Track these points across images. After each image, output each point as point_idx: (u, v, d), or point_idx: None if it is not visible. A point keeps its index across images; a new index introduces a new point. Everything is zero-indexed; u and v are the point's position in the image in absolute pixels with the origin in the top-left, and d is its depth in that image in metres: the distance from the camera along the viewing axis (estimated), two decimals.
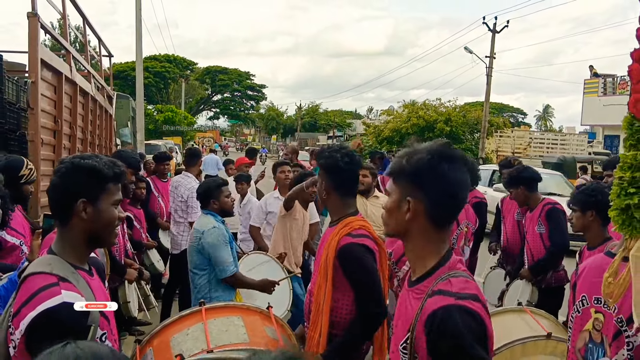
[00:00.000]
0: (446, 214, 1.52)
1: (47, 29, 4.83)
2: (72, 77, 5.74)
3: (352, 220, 2.48)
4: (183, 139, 41.71)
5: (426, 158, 1.49)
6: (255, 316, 2.68)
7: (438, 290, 1.43)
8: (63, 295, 1.47)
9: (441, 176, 1.47)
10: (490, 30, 23.15)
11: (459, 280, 1.44)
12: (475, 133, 27.04)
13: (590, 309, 1.95)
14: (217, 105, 65.84)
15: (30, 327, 1.44)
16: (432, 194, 1.48)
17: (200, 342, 2.35)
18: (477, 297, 1.42)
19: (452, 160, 1.49)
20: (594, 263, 2.02)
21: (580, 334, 1.99)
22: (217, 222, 3.68)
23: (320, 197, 2.60)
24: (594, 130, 29.23)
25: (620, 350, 1.83)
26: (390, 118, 29.89)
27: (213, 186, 3.81)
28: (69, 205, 1.60)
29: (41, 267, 1.56)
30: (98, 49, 10.02)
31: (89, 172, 1.62)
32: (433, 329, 1.37)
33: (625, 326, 1.81)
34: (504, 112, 59.47)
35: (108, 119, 9.00)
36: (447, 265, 1.49)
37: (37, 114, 4.47)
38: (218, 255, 3.51)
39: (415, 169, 1.50)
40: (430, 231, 1.51)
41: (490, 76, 23.62)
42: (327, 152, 2.59)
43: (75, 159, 1.64)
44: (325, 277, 2.44)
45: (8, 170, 3.06)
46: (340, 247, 2.40)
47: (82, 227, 1.62)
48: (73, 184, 1.61)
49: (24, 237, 3.08)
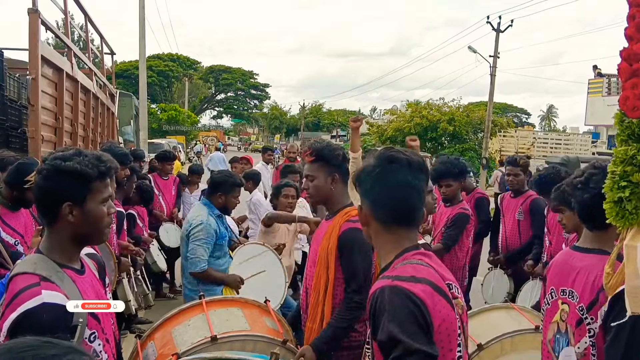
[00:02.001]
0: (389, 215, 1.57)
1: (47, 25, 4.82)
2: (74, 74, 5.73)
3: (349, 209, 2.55)
4: (187, 138, 41.78)
5: (365, 165, 1.61)
6: (254, 309, 2.74)
7: (382, 276, 1.51)
8: (43, 295, 1.45)
9: (374, 179, 1.57)
10: (494, 29, 23.07)
11: (405, 267, 1.49)
12: (478, 133, 26.96)
13: (558, 300, 2.05)
14: (220, 105, 65.95)
15: (11, 329, 1.43)
16: (371, 197, 1.59)
17: (204, 331, 2.38)
18: (420, 279, 1.44)
19: (392, 162, 1.56)
20: (562, 257, 2.14)
21: (550, 326, 2.09)
22: (210, 216, 3.67)
23: (323, 191, 2.59)
24: (598, 130, 29.10)
25: (583, 338, 1.92)
26: (393, 118, 29.83)
27: (230, 182, 3.79)
28: (55, 208, 1.58)
29: (25, 267, 1.55)
30: (101, 47, 10.03)
31: (72, 175, 1.57)
32: (371, 309, 1.45)
33: (585, 314, 1.91)
34: (507, 112, 59.32)
35: (110, 116, 9.00)
36: (401, 257, 1.55)
37: (37, 110, 4.45)
38: (194, 248, 3.56)
39: (357, 178, 1.64)
40: (381, 232, 1.60)
41: (494, 76, 23.53)
42: (327, 146, 2.64)
43: (56, 161, 1.58)
44: (326, 267, 2.47)
45: (15, 172, 2.98)
46: (342, 232, 2.46)
47: (70, 229, 1.60)
48: (56, 189, 1.57)
49: (21, 237, 3.06)
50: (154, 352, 2.40)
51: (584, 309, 1.91)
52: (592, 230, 2.02)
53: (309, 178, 2.61)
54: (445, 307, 1.44)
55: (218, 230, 3.68)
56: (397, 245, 1.57)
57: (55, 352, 0.78)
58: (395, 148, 1.63)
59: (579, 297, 1.94)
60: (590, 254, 1.99)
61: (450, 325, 1.45)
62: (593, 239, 2.02)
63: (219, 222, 3.73)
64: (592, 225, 2.02)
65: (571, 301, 1.98)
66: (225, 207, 3.81)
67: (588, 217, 2.02)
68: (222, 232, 3.72)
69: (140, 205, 5.52)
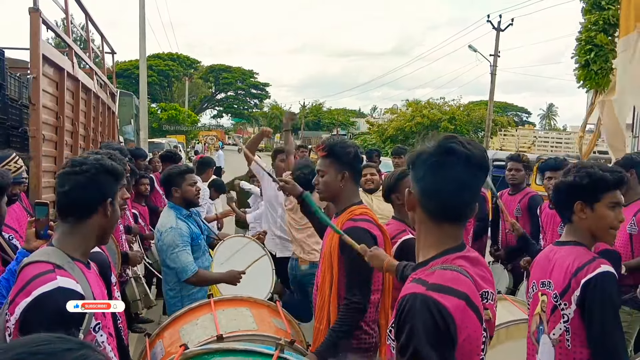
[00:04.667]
0: (443, 209, 1.48)
1: (48, 25, 4.81)
2: (75, 73, 5.72)
3: (355, 208, 2.54)
4: (187, 138, 41.76)
5: (422, 152, 1.50)
6: (262, 308, 2.74)
7: (418, 279, 1.43)
8: (58, 280, 1.51)
9: (431, 170, 1.46)
10: (494, 28, 23.07)
11: (444, 273, 1.40)
12: (479, 132, 26.97)
13: (538, 292, 2.14)
14: (220, 104, 65.91)
15: (24, 312, 1.47)
16: (424, 186, 1.49)
17: (210, 330, 2.39)
18: (457, 292, 1.36)
19: (450, 154, 1.44)
20: (544, 252, 2.24)
21: (533, 318, 2.17)
22: (179, 219, 3.46)
23: (332, 187, 2.56)
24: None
25: (558, 325, 2.01)
26: (394, 117, 29.83)
27: (175, 172, 3.58)
28: (94, 204, 1.67)
29: (37, 257, 1.61)
30: (101, 46, 10.01)
31: (112, 173, 1.71)
32: (398, 313, 1.39)
33: (559, 300, 2.00)
34: (507, 111, 59.25)
35: (111, 116, 8.99)
36: (442, 258, 1.46)
37: (38, 109, 4.44)
38: (174, 259, 3.34)
39: (412, 162, 1.53)
40: (425, 221, 1.52)
41: (495, 75, 23.53)
42: (340, 143, 2.62)
43: (102, 161, 1.71)
44: (331, 267, 2.46)
45: None
46: (343, 230, 2.42)
47: (100, 225, 1.70)
48: (103, 185, 1.69)
49: (15, 232, 3.02)
50: (162, 351, 2.41)
51: (558, 295, 2.00)
52: (563, 223, 2.20)
53: (319, 173, 2.59)
54: (473, 323, 1.38)
55: (190, 231, 3.49)
56: (440, 242, 1.49)
57: (70, 346, 0.80)
58: (458, 138, 1.48)
59: (554, 285, 2.04)
60: (565, 246, 2.10)
61: (475, 340, 1.40)
62: (569, 233, 2.14)
63: (189, 222, 3.55)
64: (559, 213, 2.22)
65: (548, 291, 2.07)
66: (187, 200, 3.56)
67: (555, 205, 2.23)
68: (195, 232, 3.53)
69: (141, 204, 5.52)
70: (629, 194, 4.01)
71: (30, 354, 0.77)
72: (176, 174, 3.57)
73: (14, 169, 3.09)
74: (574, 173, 2.09)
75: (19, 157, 3.23)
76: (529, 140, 24.63)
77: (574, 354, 1.96)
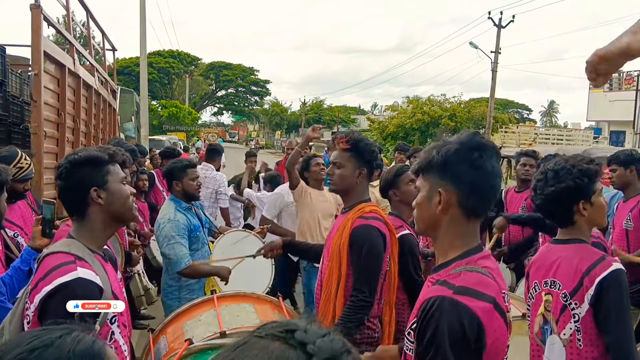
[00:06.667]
0: (481, 203, 1.49)
1: (49, 21, 4.82)
2: (76, 70, 5.72)
3: (364, 205, 2.54)
4: (187, 135, 41.75)
5: (455, 148, 1.48)
6: (266, 305, 2.74)
7: (443, 281, 1.41)
8: (79, 271, 1.54)
9: (472, 165, 1.46)
10: (495, 25, 23.02)
11: (471, 275, 1.40)
12: (480, 129, 26.92)
13: (542, 292, 2.10)
14: (221, 101, 65.86)
15: (44, 300, 1.50)
16: (465, 183, 1.46)
17: (213, 326, 2.40)
18: (484, 295, 1.36)
19: (482, 149, 1.47)
20: (542, 252, 2.21)
21: (536, 319, 2.14)
22: (177, 211, 3.55)
23: (347, 181, 2.55)
24: (600, 125, 29.03)
25: (568, 324, 1.97)
26: (394, 114, 29.77)
27: (177, 167, 3.69)
28: (83, 198, 1.70)
29: (59, 248, 1.65)
30: (102, 44, 10.00)
31: (88, 162, 1.72)
32: (422, 315, 1.38)
33: (570, 299, 1.97)
34: (508, 108, 59.17)
35: (112, 112, 8.99)
36: (466, 259, 1.46)
37: (40, 106, 4.46)
38: (169, 251, 3.43)
39: (445, 160, 1.48)
40: (460, 222, 1.49)
41: (496, 71, 23.49)
42: (365, 139, 2.61)
43: (70, 157, 1.75)
44: (339, 262, 2.46)
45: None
46: (354, 228, 2.44)
47: (102, 212, 1.72)
48: (79, 179, 1.71)
49: (20, 229, 3.04)
50: (165, 347, 2.42)
51: (567, 295, 1.97)
52: (561, 227, 2.11)
53: (336, 165, 2.55)
54: (500, 326, 1.39)
55: (189, 223, 3.57)
56: (466, 242, 1.49)
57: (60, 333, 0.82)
58: (479, 133, 1.53)
59: (562, 284, 2.00)
60: (569, 244, 2.06)
61: (501, 345, 1.41)
62: (567, 232, 2.10)
63: (188, 215, 3.61)
64: (555, 221, 2.12)
65: (554, 290, 2.03)
66: (187, 193, 3.64)
67: (549, 215, 2.13)
68: (194, 224, 3.61)
69: (140, 200, 5.53)
70: (628, 190, 4.02)
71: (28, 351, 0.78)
72: (179, 168, 3.68)
73: (25, 166, 3.14)
74: (568, 176, 2.01)
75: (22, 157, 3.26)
76: (529, 137, 24.63)
77: (585, 353, 1.95)
